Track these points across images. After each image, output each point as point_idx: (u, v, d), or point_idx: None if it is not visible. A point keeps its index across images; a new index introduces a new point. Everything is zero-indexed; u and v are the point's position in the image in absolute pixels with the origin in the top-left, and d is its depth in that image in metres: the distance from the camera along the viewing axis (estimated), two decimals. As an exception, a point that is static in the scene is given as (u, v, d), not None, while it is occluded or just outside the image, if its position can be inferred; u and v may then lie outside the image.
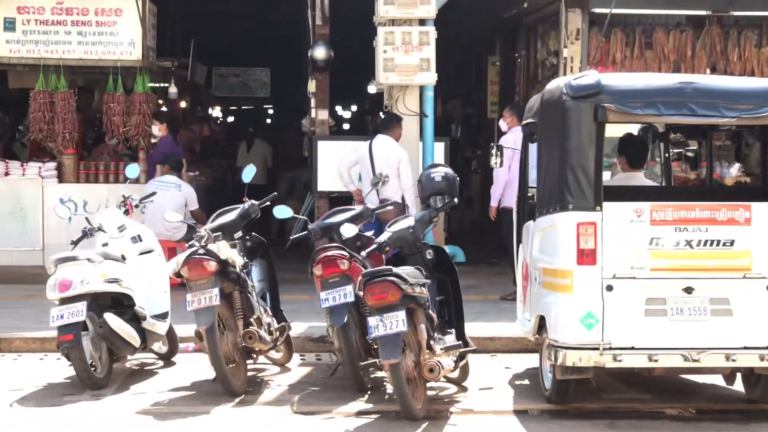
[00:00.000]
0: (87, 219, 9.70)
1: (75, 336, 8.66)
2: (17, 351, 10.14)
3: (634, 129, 9.54)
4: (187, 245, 9.26)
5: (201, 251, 8.65)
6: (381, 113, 12.72)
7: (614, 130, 8.86)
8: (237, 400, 8.53)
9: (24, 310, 10.23)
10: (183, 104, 18.70)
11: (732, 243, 7.77)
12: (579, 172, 7.81)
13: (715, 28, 14.11)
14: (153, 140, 14.16)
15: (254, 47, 21.83)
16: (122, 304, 9.06)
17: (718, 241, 7.76)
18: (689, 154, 11.10)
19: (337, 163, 12.25)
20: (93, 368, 8.81)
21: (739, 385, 8.53)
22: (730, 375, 8.49)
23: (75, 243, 9.54)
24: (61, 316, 8.66)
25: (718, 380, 8.73)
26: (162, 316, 9.54)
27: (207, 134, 20.65)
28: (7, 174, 13.76)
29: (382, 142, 11.63)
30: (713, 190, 9.81)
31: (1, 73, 14.83)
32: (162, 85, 15.72)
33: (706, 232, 7.76)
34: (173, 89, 16.34)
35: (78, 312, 8.63)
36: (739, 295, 7.74)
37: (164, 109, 15.97)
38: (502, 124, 12.88)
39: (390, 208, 10.03)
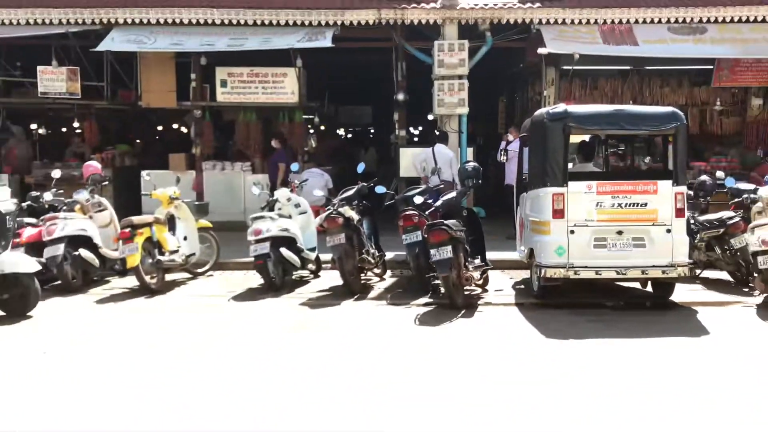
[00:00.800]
0: (269, 194, 9.79)
1: (264, 261, 8.84)
2: (231, 270, 10.28)
3: (587, 137, 9.35)
4: (326, 209, 9.32)
5: (334, 212, 8.73)
6: (436, 131, 12.66)
7: (575, 138, 8.71)
8: (355, 297, 8.59)
9: (234, 246, 10.35)
10: (322, 127, 18.72)
11: (646, 204, 7.65)
12: (553, 163, 7.76)
13: (635, 77, 13.80)
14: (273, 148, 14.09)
15: (363, 93, 21.79)
16: (290, 243, 9.14)
17: (638, 203, 7.66)
18: (620, 151, 10.90)
19: (412, 161, 12.20)
20: (273, 279, 8.91)
21: (649, 288, 8.38)
22: (644, 282, 8.36)
23: (262, 208, 9.64)
24: (256, 250, 8.82)
25: (636, 285, 8.57)
26: (312, 249, 9.61)
27: (337, 145, 20.80)
28: (223, 169, 13.93)
29: (440, 147, 11.52)
30: (634, 173, 9.60)
31: (219, 111, 14.96)
32: (310, 116, 15.74)
33: (630, 198, 7.66)
34: (317, 119, 16.36)
35: (265, 247, 8.79)
36: (650, 235, 7.65)
37: (312, 131, 15.97)
38: (509, 136, 12.68)
39: (442, 186, 9.96)
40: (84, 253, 9.10)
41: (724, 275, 9.31)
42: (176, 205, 9.68)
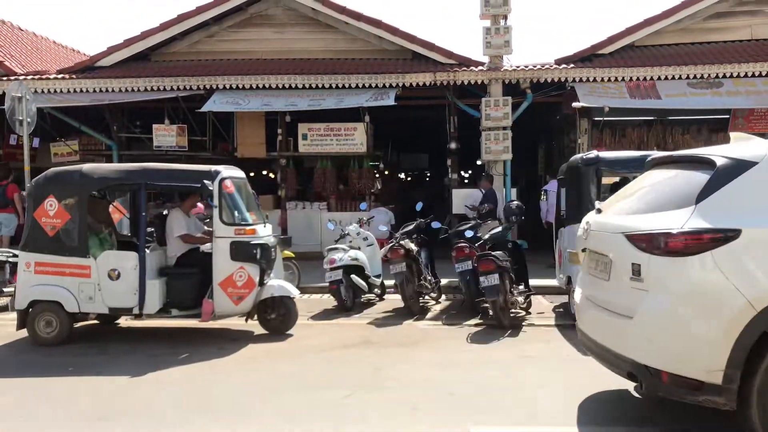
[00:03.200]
0: (342, 229, 9.85)
1: (337, 286, 8.83)
2: (310, 293, 10.29)
3: (618, 179, 9.17)
4: (389, 241, 9.34)
5: (396, 244, 8.74)
6: (483, 173, 12.65)
7: (607, 180, 8.56)
8: (414, 317, 8.50)
9: (312, 273, 10.38)
10: (386, 172, 18.82)
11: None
12: (588, 202, 7.59)
13: (659, 126, 13.51)
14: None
15: (420, 142, 21.93)
16: (359, 270, 9.13)
17: (663, 237, 7.41)
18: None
19: (462, 204, 12.12)
20: (345, 301, 8.90)
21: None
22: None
23: (336, 241, 9.72)
24: (330, 276, 8.84)
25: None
26: (378, 276, 9.61)
27: (399, 185, 20.91)
28: (304, 208, 14.11)
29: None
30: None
31: (300, 160, 15.19)
32: (376, 163, 15.86)
33: (656, 232, 7.42)
34: (382, 165, 16.46)
35: (338, 274, 8.80)
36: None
37: (377, 175, 15.94)
38: (549, 179, 12.56)
39: (489, 221, 9.89)
40: None
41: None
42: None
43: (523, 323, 8.06)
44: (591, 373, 5.86)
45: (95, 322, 8.05)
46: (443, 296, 9.79)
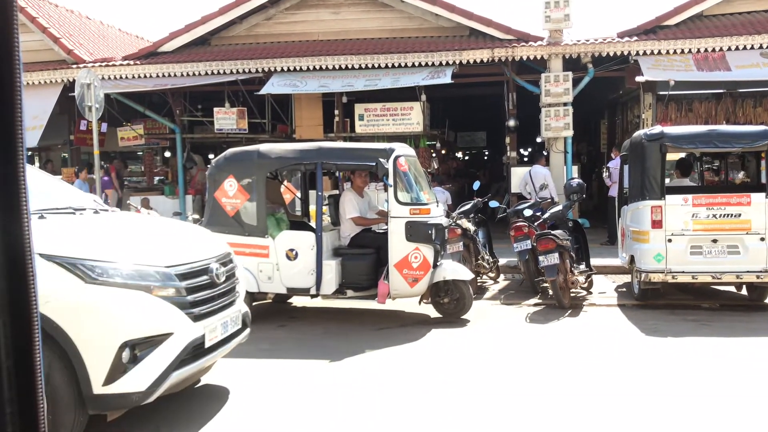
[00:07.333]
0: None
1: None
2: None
3: (684, 155, 8.88)
4: (448, 221, 9.32)
5: (453, 224, 8.66)
6: (544, 152, 12.44)
7: (672, 156, 8.30)
8: (473, 297, 8.48)
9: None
10: (443, 151, 18.69)
11: (739, 215, 7.18)
12: (651, 179, 7.43)
13: (728, 98, 12.91)
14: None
15: (478, 120, 21.65)
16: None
17: (731, 214, 7.19)
18: (714, 167, 10.26)
19: (518, 186, 11.92)
20: None
21: (743, 292, 7.84)
22: (738, 286, 7.83)
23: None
24: None
25: (731, 289, 8.03)
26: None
27: (455, 166, 20.72)
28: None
29: (536, 168, 11.27)
30: (728, 186, 9.02)
31: (358, 140, 15.19)
32: (433, 142, 15.78)
33: (724, 209, 7.21)
34: (438, 145, 16.34)
35: None
36: (743, 243, 7.17)
37: (434, 154, 15.82)
38: (613, 155, 12.20)
39: (548, 201, 9.77)
40: None
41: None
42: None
43: (584, 303, 7.97)
44: (657, 353, 5.76)
45: (269, 301, 8.00)
46: (501, 276, 9.74)
